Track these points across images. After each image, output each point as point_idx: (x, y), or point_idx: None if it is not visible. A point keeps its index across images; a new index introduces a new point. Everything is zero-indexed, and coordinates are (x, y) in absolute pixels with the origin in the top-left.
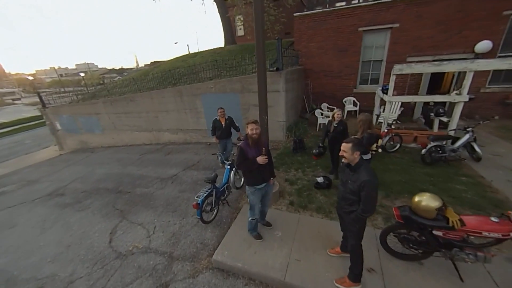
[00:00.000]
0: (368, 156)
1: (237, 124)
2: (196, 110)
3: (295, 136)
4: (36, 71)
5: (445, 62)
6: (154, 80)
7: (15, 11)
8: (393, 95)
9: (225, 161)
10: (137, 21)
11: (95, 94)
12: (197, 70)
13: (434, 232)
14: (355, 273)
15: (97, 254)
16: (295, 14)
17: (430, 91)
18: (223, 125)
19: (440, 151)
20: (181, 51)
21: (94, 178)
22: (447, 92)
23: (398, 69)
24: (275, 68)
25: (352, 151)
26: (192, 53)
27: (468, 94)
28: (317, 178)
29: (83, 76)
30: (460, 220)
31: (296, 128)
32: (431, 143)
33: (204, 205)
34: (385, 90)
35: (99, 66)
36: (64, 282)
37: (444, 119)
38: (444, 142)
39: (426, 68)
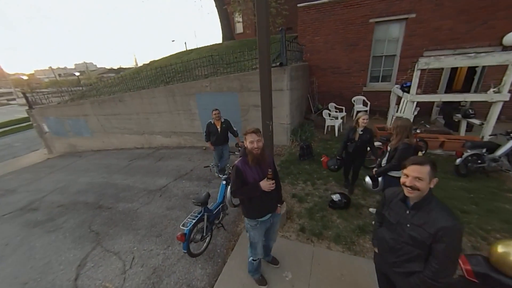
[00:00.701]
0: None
1: (235, 128)
2: (190, 111)
3: (301, 141)
4: (35, 71)
5: (482, 54)
6: (146, 79)
7: (14, 11)
8: (416, 93)
9: (220, 174)
10: (136, 20)
11: (84, 94)
12: (191, 67)
13: None
14: None
15: None
16: (299, 5)
17: (447, 89)
18: (219, 130)
19: (479, 161)
20: (179, 49)
21: (75, 188)
22: (461, 89)
23: (424, 63)
24: (278, 63)
25: (431, 177)
26: (188, 50)
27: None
28: (332, 196)
29: (78, 76)
30: None
31: (301, 131)
32: (468, 151)
33: (193, 234)
34: (405, 88)
35: (98, 66)
36: None
37: (476, 121)
38: (483, 150)
39: (459, 61)
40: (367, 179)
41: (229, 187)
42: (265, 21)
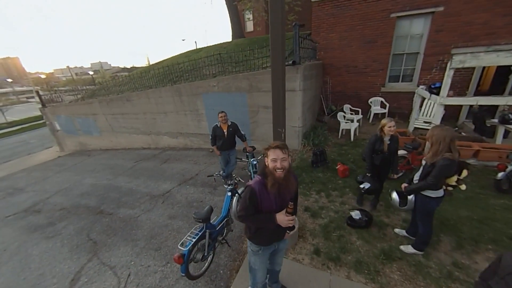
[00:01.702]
0: (440, 193)
1: (242, 132)
2: (197, 111)
3: (313, 146)
4: (54, 70)
5: None
6: (153, 78)
7: (36, 12)
8: (448, 95)
9: (226, 184)
10: (149, 20)
11: (94, 93)
12: (199, 66)
13: None
14: None
15: None
16: (312, 0)
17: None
18: (225, 133)
19: None
20: (190, 48)
21: (79, 190)
22: (488, 91)
23: (458, 61)
24: (290, 62)
25: None
26: (197, 49)
27: None
28: (351, 212)
29: (92, 75)
30: None
31: (314, 135)
32: None
33: (193, 253)
34: (434, 90)
35: (112, 65)
36: None
37: None
38: None
39: (503, 58)
40: (394, 195)
41: (235, 197)
42: (280, 8)
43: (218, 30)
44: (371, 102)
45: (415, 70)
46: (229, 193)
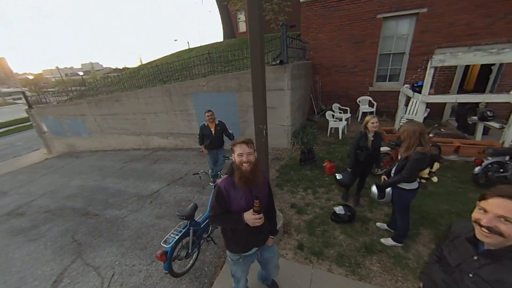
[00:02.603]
0: (415, 185)
1: (230, 131)
2: (187, 111)
3: (302, 144)
4: (43, 71)
5: (506, 50)
6: (143, 78)
7: (23, 11)
8: (429, 93)
9: (211, 182)
10: (141, 20)
11: (83, 94)
12: (189, 65)
13: None
14: None
15: None
16: (302, 0)
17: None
18: (213, 132)
19: (501, 170)
20: (183, 48)
21: (66, 192)
22: (473, 89)
23: (438, 60)
24: (278, 61)
25: None
26: (189, 49)
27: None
28: (334, 208)
29: (82, 76)
30: None
31: (303, 134)
32: (489, 158)
33: (177, 250)
34: (416, 88)
35: (104, 66)
36: None
37: (495, 124)
38: (507, 158)
39: (478, 58)
40: (373, 188)
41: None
42: (258, 9)
43: (212, 30)
44: (359, 101)
45: (401, 70)
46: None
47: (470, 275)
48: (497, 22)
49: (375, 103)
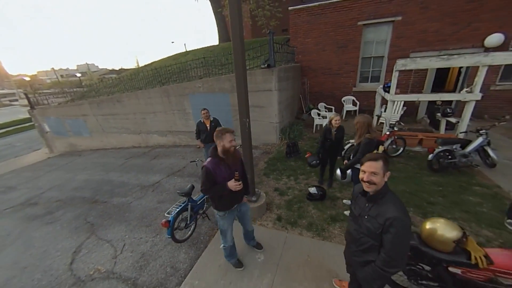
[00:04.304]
0: None
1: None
2: (184, 111)
3: (289, 139)
4: (38, 72)
5: (455, 56)
6: (143, 80)
7: (16, 11)
8: (395, 93)
9: None
10: (137, 22)
11: (84, 95)
12: (186, 68)
13: (450, 269)
14: None
15: (53, 280)
16: (290, 8)
17: (434, 89)
18: (208, 128)
19: (450, 157)
20: (180, 50)
21: (73, 185)
22: (453, 90)
23: (401, 64)
24: (266, 65)
25: (384, 171)
26: (185, 52)
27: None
28: (309, 189)
29: (79, 77)
30: (486, 256)
31: (290, 130)
32: (439, 147)
33: (177, 222)
34: (387, 88)
35: (100, 67)
36: None
37: (453, 119)
38: (454, 147)
39: (433, 62)
40: (338, 171)
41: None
42: (238, 19)
43: (209, 32)
44: (344, 100)
45: (381, 72)
46: None
47: (366, 217)
48: (462, 30)
49: (358, 102)
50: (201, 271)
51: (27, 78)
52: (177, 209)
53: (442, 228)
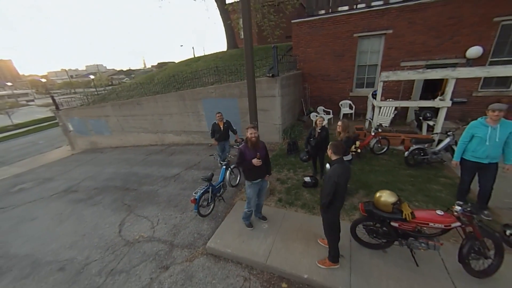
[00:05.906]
0: (349, 157)
1: (234, 128)
2: (197, 113)
3: (289, 139)
4: (48, 72)
5: (428, 70)
6: (159, 84)
7: (17, 12)
8: (381, 100)
9: (221, 162)
10: (145, 23)
11: (105, 97)
12: (199, 75)
13: (392, 223)
14: (332, 255)
15: (108, 242)
16: (293, 21)
17: (429, 94)
18: (221, 128)
19: (422, 154)
20: (187, 53)
21: (104, 176)
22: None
23: (385, 76)
24: (271, 75)
25: (333, 151)
26: (196, 57)
27: (460, 97)
28: (305, 178)
29: (93, 78)
30: (412, 213)
31: (291, 131)
32: (413, 146)
33: (201, 201)
34: (374, 95)
35: (108, 67)
36: (81, 264)
37: (431, 122)
38: (426, 145)
39: (411, 75)
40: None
41: (228, 170)
42: (250, 51)
43: (216, 36)
44: (341, 104)
45: (375, 78)
46: (224, 167)
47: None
48: (445, 42)
49: (354, 106)
50: (221, 235)
51: (43, 80)
52: (202, 191)
53: (385, 196)
